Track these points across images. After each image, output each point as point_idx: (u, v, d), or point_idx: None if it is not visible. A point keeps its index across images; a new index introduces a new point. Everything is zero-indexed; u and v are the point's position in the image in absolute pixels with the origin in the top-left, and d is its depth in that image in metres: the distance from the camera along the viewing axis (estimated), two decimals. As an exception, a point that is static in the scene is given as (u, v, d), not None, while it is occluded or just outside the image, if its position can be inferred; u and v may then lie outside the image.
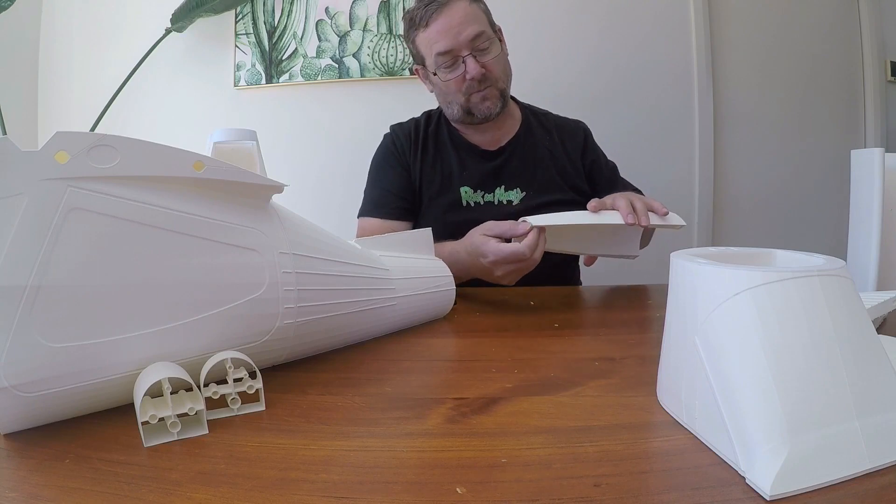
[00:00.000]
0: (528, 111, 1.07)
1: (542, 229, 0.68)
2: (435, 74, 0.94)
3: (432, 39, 0.90)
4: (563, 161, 1.01)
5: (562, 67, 1.53)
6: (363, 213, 1.00)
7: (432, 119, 1.04)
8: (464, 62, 0.90)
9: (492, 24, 0.96)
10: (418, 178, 0.99)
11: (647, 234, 0.88)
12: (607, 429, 0.34)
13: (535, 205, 0.95)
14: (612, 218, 0.72)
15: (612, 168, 1.08)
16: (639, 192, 0.99)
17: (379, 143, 1.05)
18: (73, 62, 1.66)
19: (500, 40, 0.98)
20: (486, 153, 1.00)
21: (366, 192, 1.03)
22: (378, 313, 0.53)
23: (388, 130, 1.05)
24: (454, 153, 0.99)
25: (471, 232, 0.76)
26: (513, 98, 1.06)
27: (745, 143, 1.56)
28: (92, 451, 0.32)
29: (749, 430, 0.27)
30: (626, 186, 1.01)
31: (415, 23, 0.93)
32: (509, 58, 1.00)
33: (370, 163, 1.04)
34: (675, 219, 0.75)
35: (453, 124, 1.02)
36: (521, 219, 0.70)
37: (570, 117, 1.11)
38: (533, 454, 0.31)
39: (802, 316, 0.29)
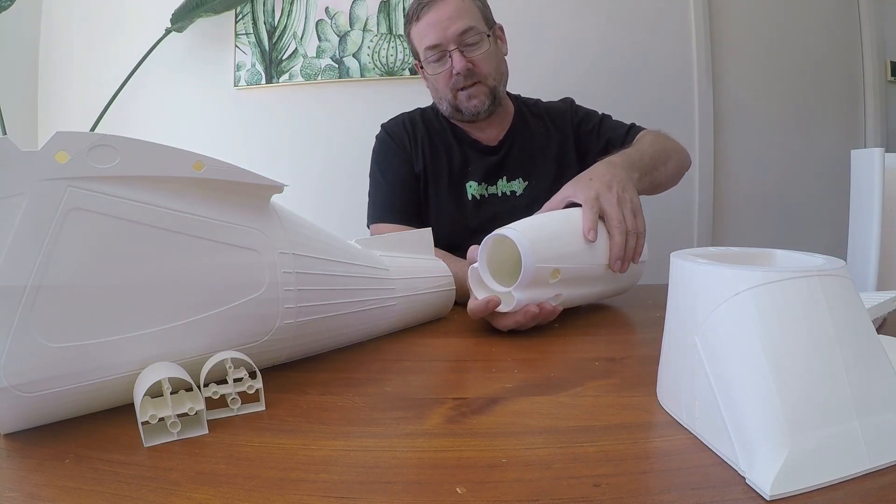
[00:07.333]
0: (519, 102, 1.06)
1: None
2: (422, 69, 0.95)
3: (422, 33, 0.91)
4: (560, 145, 1.00)
5: (562, 68, 1.53)
6: (375, 219, 0.97)
7: (429, 114, 1.03)
8: (450, 57, 0.90)
9: (488, 20, 0.95)
10: (422, 169, 0.97)
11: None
12: (607, 429, 0.34)
13: (538, 194, 0.93)
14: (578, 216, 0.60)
15: (606, 124, 1.02)
16: (635, 127, 0.98)
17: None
18: (73, 62, 1.66)
19: (499, 38, 0.97)
20: (489, 149, 1.00)
21: (371, 195, 1.00)
22: (378, 313, 0.53)
23: (379, 131, 1.04)
24: (458, 149, 0.99)
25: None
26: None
27: (745, 143, 1.56)
28: (92, 451, 0.32)
29: (749, 430, 0.27)
30: (616, 132, 0.98)
31: (409, 18, 0.94)
32: (510, 58, 0.99)
33: (370, 167, 1.02)
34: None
35: (452, 121, 1.02)
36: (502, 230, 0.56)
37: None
38: (533, 454, 0.31)
39: (802, 316, 0.29)
